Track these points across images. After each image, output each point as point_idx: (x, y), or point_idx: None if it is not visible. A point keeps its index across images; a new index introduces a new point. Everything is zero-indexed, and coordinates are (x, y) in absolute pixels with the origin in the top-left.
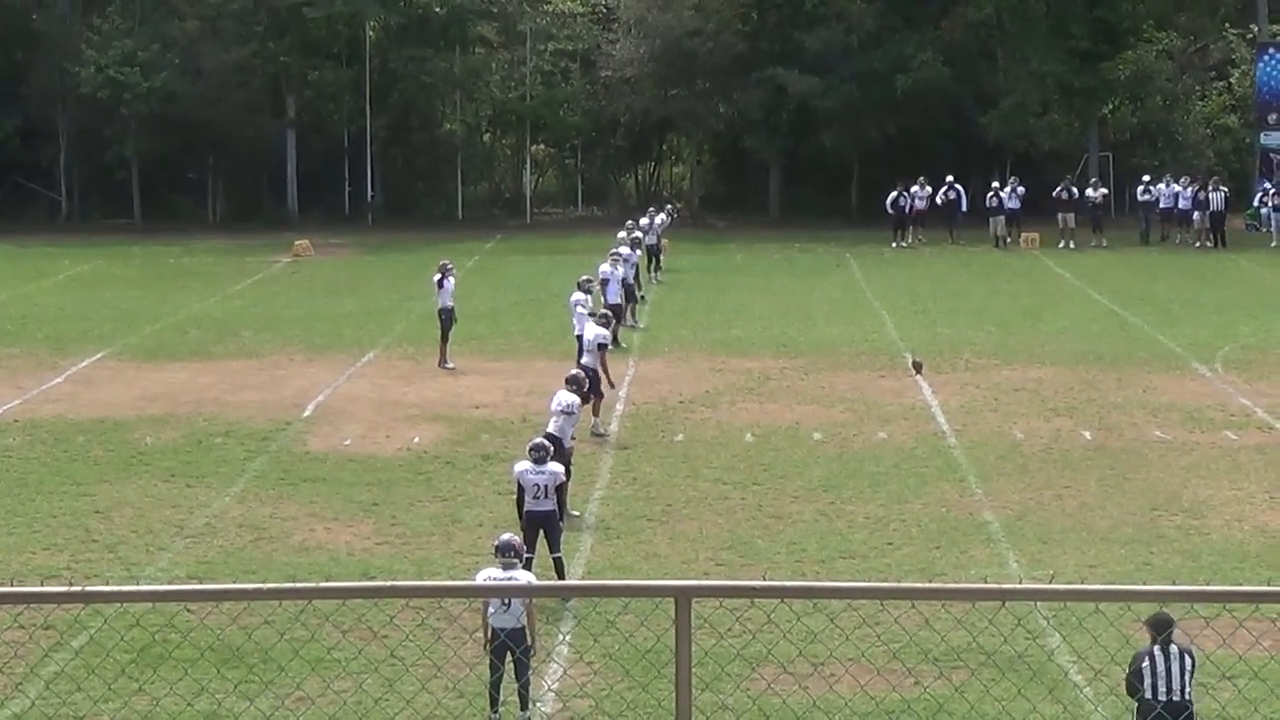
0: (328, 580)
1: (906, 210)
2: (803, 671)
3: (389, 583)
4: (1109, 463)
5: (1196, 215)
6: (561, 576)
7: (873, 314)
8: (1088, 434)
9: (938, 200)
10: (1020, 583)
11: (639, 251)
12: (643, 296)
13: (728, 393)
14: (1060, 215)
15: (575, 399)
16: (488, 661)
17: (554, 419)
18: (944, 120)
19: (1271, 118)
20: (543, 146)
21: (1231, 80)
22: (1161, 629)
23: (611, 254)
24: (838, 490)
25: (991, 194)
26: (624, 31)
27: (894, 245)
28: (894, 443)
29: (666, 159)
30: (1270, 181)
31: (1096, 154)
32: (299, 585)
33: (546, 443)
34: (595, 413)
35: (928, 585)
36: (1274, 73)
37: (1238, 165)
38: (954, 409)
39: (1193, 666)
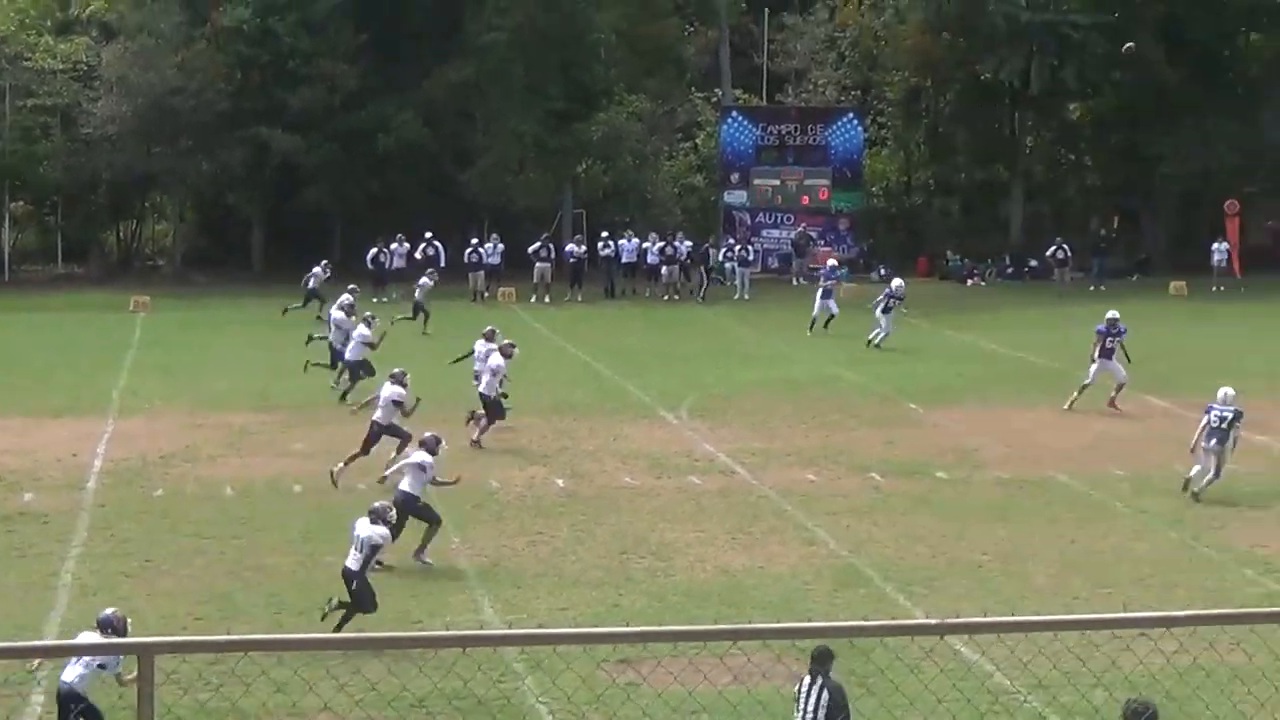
0: None
1: (386, 266)
2: None
3: None
4: (581, 509)
5: (665, 269)
6: (339, 628)
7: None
8: (561, 481)
9: (416, 255)
10: (492, 629)
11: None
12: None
13: (208, 447)
14: (537, 269)
15: (428, 457)
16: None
17: (408, 473)
18: (426, 177)
19: (734, 177)
20: (22, 204)
21: (697, 141)
22: (816, 661)
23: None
24: (316, 541)
25: (471, 249)
26: (105, 89)
27: (375, 301)
28: (370, 493)
29: (149, 216)
30: (733, 237)
31: (571, 211)
32: None
33: (386, 506)
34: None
35: (394, 635)
36: (736, 135)
37: (704, 222)
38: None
39: (842, 703)
